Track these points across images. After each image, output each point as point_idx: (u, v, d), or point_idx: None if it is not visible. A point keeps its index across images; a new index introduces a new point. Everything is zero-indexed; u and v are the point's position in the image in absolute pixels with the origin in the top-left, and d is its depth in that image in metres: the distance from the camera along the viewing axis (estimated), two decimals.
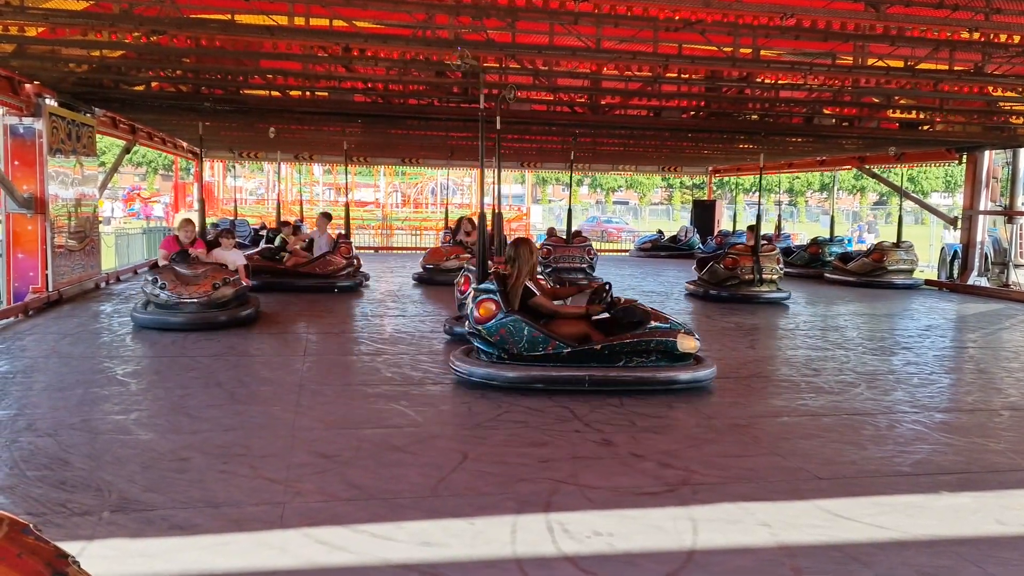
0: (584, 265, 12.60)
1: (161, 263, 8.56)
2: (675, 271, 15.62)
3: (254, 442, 4.33)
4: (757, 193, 12.80)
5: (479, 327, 5.75)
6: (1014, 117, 11.52)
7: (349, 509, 3.43)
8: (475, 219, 11.59)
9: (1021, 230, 14.74)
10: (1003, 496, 3.83)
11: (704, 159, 20.76)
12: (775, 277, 11.16)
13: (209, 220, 20.09)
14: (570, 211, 13.75)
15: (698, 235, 20.83)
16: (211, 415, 4.82)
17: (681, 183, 50.43)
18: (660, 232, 22.11)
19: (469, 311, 5.95)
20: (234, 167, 23.00)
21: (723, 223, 23.61)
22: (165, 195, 41.57)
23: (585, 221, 36.54)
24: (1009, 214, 14.35)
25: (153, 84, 10.26)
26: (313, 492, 3.62)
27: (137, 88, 10.23)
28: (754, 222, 11.77)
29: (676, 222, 37.39)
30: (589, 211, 46.88)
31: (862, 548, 3.18)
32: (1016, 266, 14.68)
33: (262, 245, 13.09)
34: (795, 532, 3.32)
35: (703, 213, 22.93)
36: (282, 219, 13.57)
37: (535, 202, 44.05)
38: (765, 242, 11.99)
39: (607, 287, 6.10)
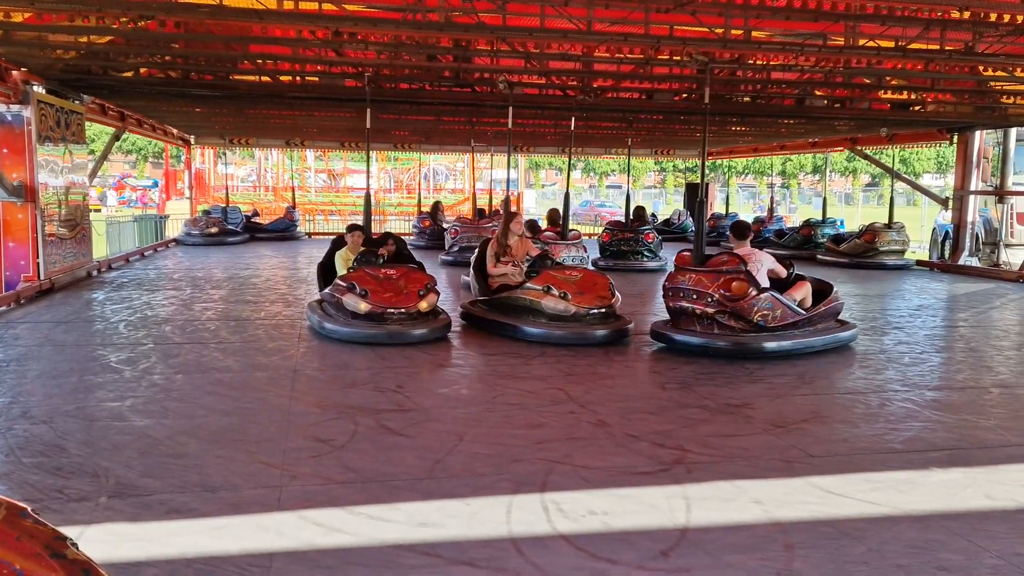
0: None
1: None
2: (668, 254, 15.63)
3: (250, 427, 4.34)
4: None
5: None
6: (1005, 97, 11.49)
7: (346, 492, 3.45)
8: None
9: (1011, 210, 14.79)
10: (992, 471, 3.87)
11: (697, 142, 20.72)
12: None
13: (200, 207, 20.10)
14: (474, 196, 18.69)
15: (691, 218, 20.82)
16: (206, 401, 4.83)
17: (674, 166, 50.37)
18: (653, 215, 22.09)
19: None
20: (224, 154, 22.76)
21: (716, 206, 23.59)
22: (152, 180, 41.26)
23: (579, 205, 36.46)
24: (1000, 194, 14.38)
25: (142, 70, 10.17)
26: (310, 475, 3.64)
27: (126, 74, 10.13)
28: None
29: (670, 206, 37.36)
30: (583, 195, 46.73)
31: (854, 523, 3.21)
32: (1007, 246, 14.75)
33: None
34: (788, 509, 3.35)
35: (696, 196, 22.88)
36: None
37: (528, 187, 43.91)
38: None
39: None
